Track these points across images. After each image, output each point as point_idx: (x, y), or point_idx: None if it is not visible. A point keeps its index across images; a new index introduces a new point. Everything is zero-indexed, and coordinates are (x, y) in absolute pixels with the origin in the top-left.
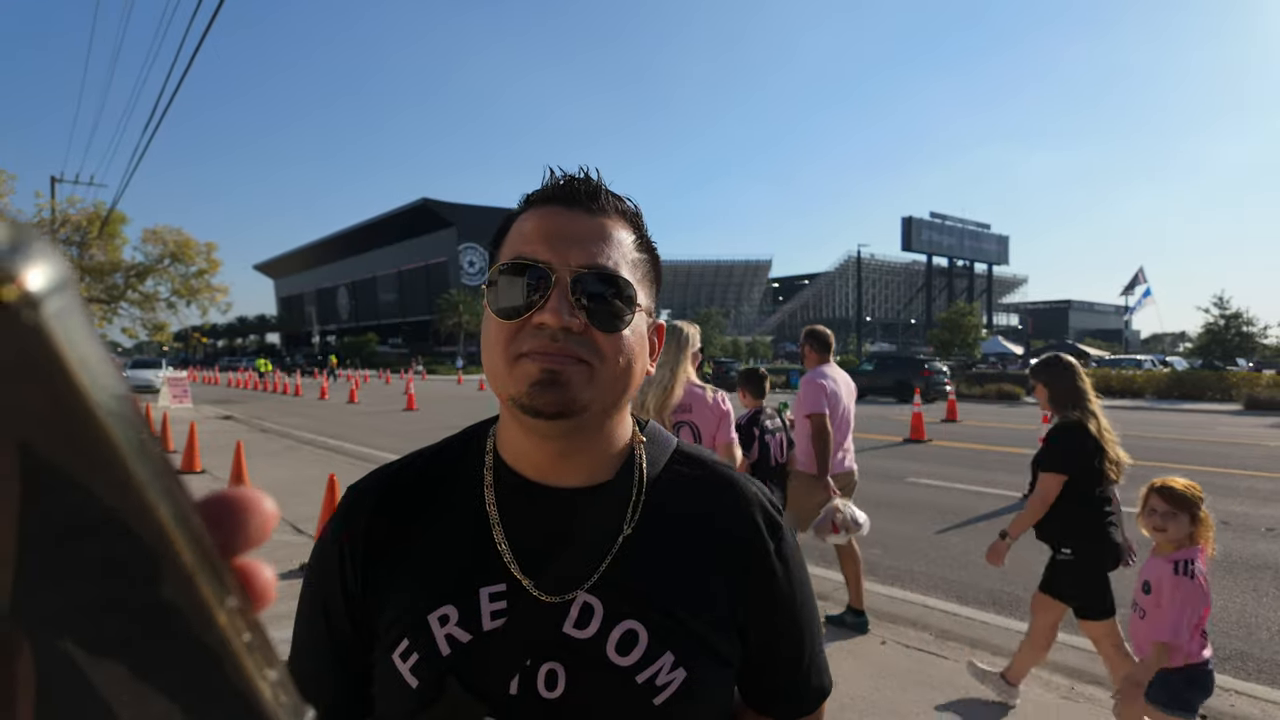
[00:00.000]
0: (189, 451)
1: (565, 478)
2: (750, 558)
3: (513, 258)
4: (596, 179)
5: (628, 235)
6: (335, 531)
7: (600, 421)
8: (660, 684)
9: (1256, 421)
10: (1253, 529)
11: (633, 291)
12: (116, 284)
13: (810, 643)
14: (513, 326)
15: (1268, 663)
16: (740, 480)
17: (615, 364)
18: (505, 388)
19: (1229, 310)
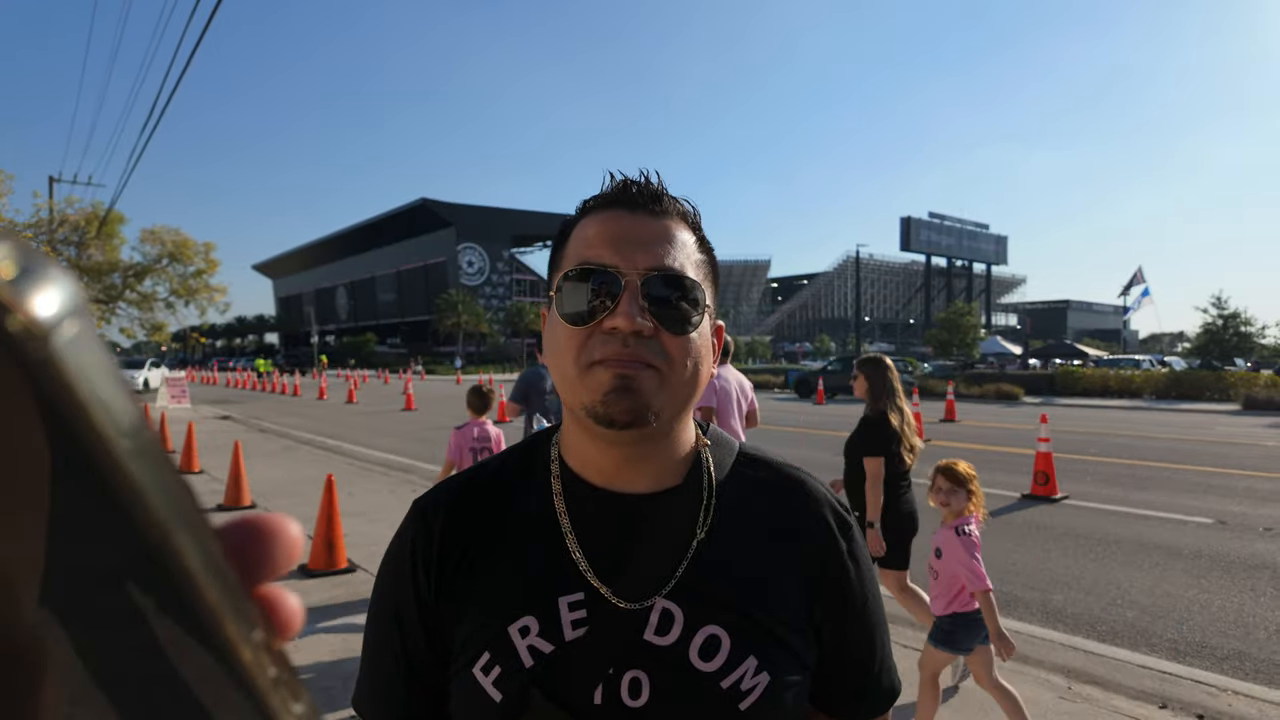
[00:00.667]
0: (187, 451)
1: (633, 483)
2: (824, 558)
3: (579, 263)
4: (657, 182)
5: (690, 237)
6: (408, 541)
7: (668, 427)
8: (745, 689)
9: (1255, 421)
10: (1250, 529)
11: (700, 293)
12: (114, 284)
13: (881, 643)
14: (583, 333)
15: (1265, 662)
16: (809, 480)
17: (684, 367)
18: (578, 396)
19: (1227, 310)
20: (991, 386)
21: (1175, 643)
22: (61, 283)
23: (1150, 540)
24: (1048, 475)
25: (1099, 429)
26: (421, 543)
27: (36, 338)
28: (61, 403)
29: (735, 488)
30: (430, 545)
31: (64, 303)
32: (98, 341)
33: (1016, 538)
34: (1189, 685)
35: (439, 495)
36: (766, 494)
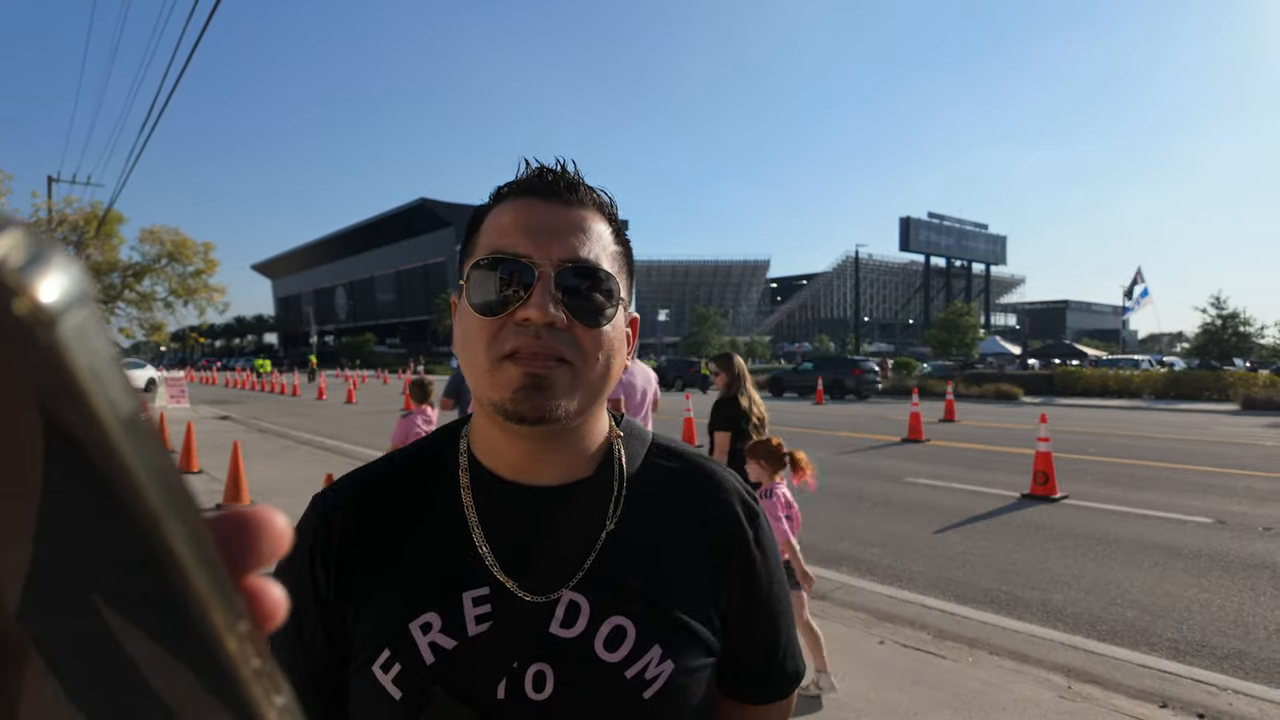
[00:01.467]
0: (186, 451)
1: (543, 476)
2: (731, 546)
3: (492, 251)
4: (574, 170)
5: (606, 228)
6: (307, 538)
7: (579, 421)
8: (649, 677)
9: (1254, 421)
10: (1250, 529)
11: (614, 285)
12: (113, 284)
13: (786, 628)
14: (494, 323)
15: (1265, 662)
16: (718, 470)
17: (597, 361)
18: (487, 391)
19: (1226, 310)
20: (991, 386)
21: (1175, 642)
22: (68, 270)
23: (1150, 540)
24: (1047, 475)
25: (1098, 429)
26: (321, 539)
27: (42, 323)
28: (63, 389)
29: (646, 478)
30: (330, 542)
31: (70, 290)
32: (102, 330)
33: (1016, 537)
34: (1189, 684)
35: (341, 490)
36: (677, 484)
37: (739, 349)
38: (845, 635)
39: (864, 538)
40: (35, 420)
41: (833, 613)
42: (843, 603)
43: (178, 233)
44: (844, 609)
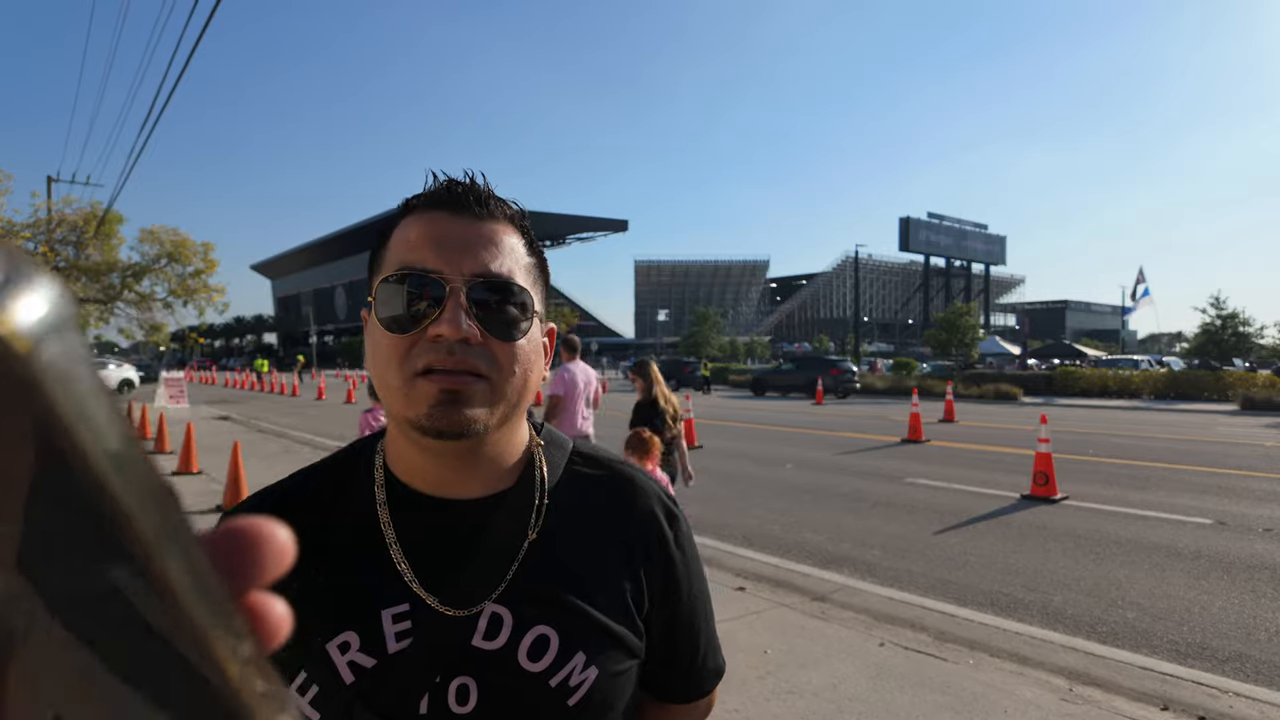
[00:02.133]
0: (185, 452)
1: (462, 489)
2: (650, 548)
3: (400, 267)
4: (484, 183)
5: (518, 240)
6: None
7: (497, 434)
8: (574, 685)
9: (1253, 421)
10: (1250, 529)
11: (528, 298)
12: (113, 284)
13: (707, 625)
14: (406, 341)
15: (1266, 664)
16: (638, 475)
17: (513, 375)
18: (401, 409)
19: (1225, 310)
20: (990, 387)
21: (1176, 644)
22: (48, 291)
23: (1150, 541)
24: (1047, 476)
25: (1098, 429)
26: None
27: (18, 351)
28: (45, 420)
29: (568, 487)
30: None
31: (50, 313)
32: (85, 355)
33: (1016, 539)
34: (1190, 687)
35: (250, 508)
36: (598, 491)
37: (738, 349)
38: (845, 637)
39: (864, 539)
40: (19, 450)
41: (833, 614)
42: (843, 604)
43: (177, 233)
44: (844, 610)
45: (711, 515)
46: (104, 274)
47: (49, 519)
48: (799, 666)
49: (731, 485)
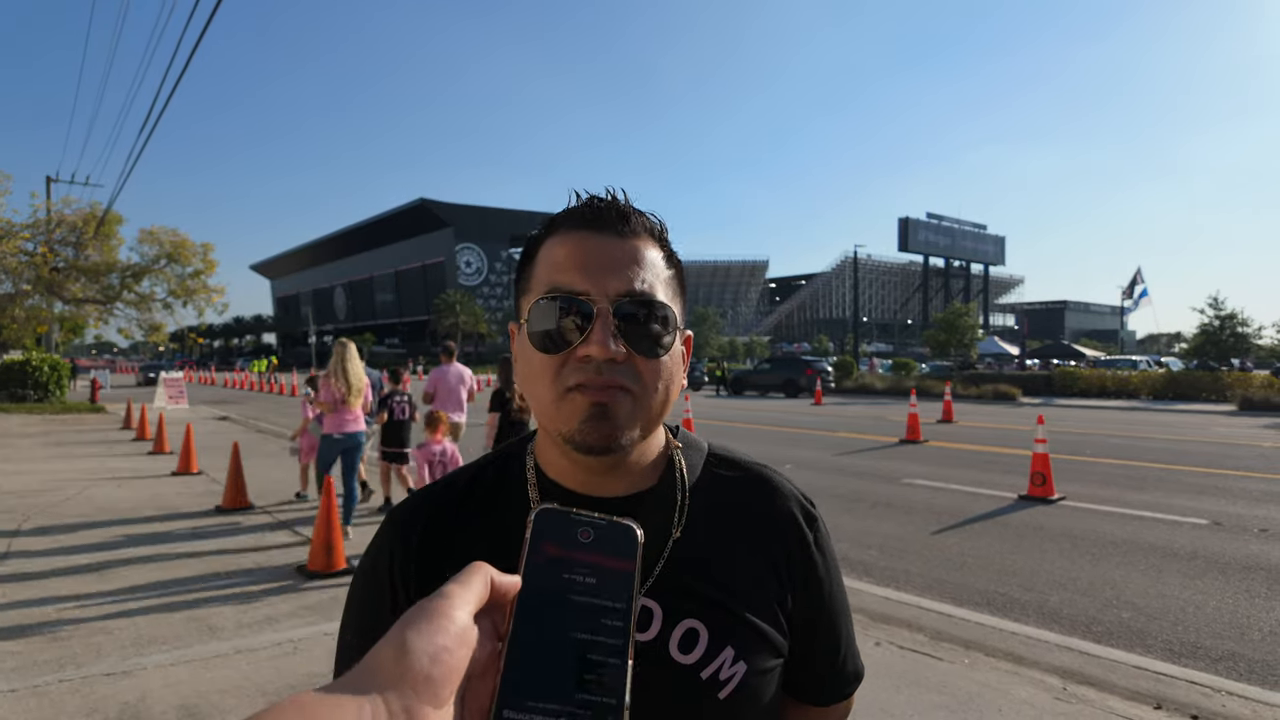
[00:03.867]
0: (185, 452)
1: (609, 489)
2: (793, 550)
3: (549, 288)
4: (624, 200)
5: (658, 253)
6: (385, 555)
7: (641, 442)
8: (724, 678)
9: (1251, 422)
10: (1246, 530)
11: (670, 313)
12: (112, 285)
13: (846, 630)
14: (557, 360)
15: (1259, 663)
16: (775, 477)
17: (656, 390)
18: (554, 423)
19: (1224, 311)
20: (989, 387)
21: (1170, 643)
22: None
23: (1146, 541)
24: (1045, 476)
25: (1096, 429)
26: (399, 556)
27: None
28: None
29: (707, 487)
30: (409, 558)
31: None
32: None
33: (1014, 539)
34: (1184, 686)
35: (415, 506)
36: (736, 491)
37: (738, 349)
38: None
39: (861, 539)
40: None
41: None
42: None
43: (176, 233)
44: None
45: None
46: (103, 274)
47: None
48: None
49: None
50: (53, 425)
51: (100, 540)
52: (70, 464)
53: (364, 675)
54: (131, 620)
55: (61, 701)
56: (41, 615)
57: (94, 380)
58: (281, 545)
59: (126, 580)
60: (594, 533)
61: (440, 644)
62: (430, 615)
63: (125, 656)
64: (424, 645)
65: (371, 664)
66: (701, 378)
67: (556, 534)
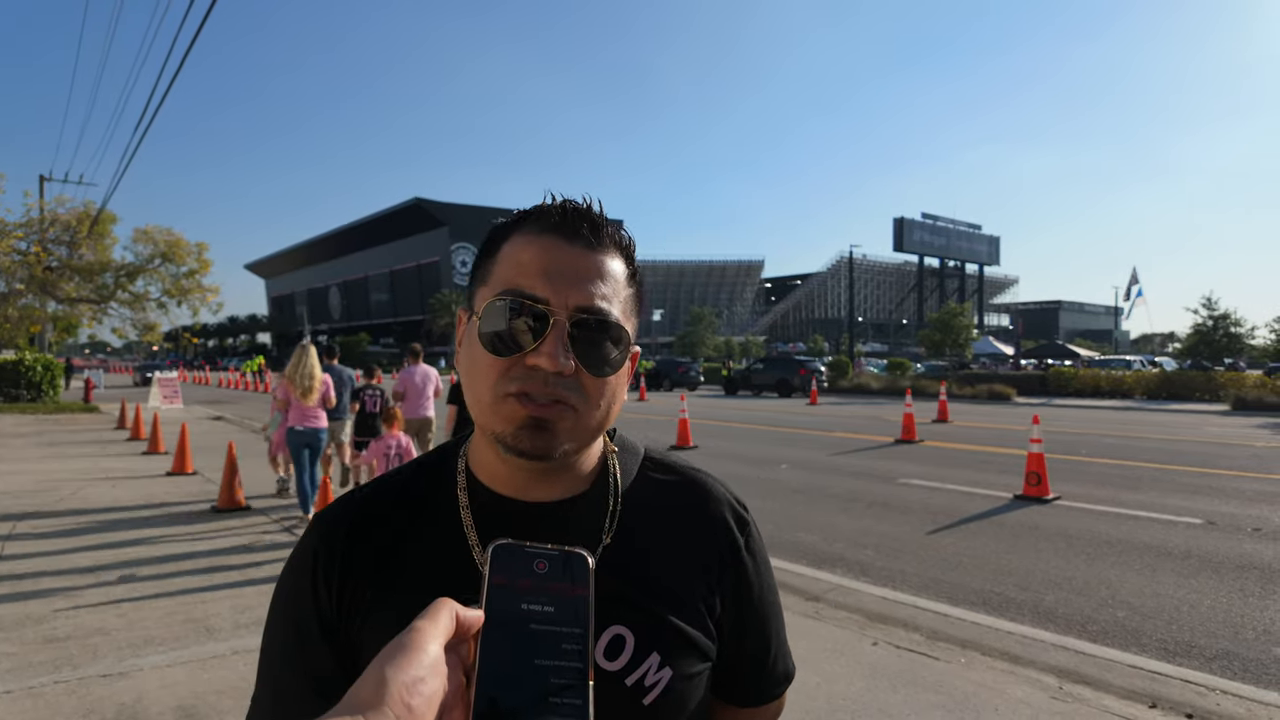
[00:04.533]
0: (180, 452)
1: (542, 494)
2: (724, 554)
3: (509, 289)
4: (599, 211)
5: (622, 270)
6: (309, 558)
7: (577, 452)
8: (649, 684)
9: (1244, 422)
10: (1239, 529)
11: (624, 335)
12: (106, 284)
13: (777, 631)
14: (504, 363)
15: (1253, 662)
16: (709, 481)
17: (599, 407)
18: (490, 424)
19: (1217, 311)
20: (984, 387)
21: (1165, 642)
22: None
23: (1141, 541)
24: (1040, 476)
25: (1091, 429)
26: (324, 558)
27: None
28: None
29: (641, 491)
30: (333, 561)
31: None
32: None
33: (1009, 539)
34: (1178, 685)
35: (342, 509)
36: (670, 496)
37: (734, 349)
38: (839, 637)
39: (857, 539)
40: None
41: (826, 614)
42: (836, 604)
43: (171, 233)
44: (838, 610)
45: None
46: (97, 274)
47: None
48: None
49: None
50: (46, 425)
51: (95, 541)
52: (64, 464)
53: (351, 707)
54: (128, 621)
55: (58, 703)
56: (37, 616)
57: (87, 380)
58: (277, 545)
59: (122, 581)
60: (548, 563)
61: (416, 675)
62: (405, 649)
63: (122, 657)
64: (401, 677)
65: (355, 699)
66: (698, 378)
67: (513, 567)
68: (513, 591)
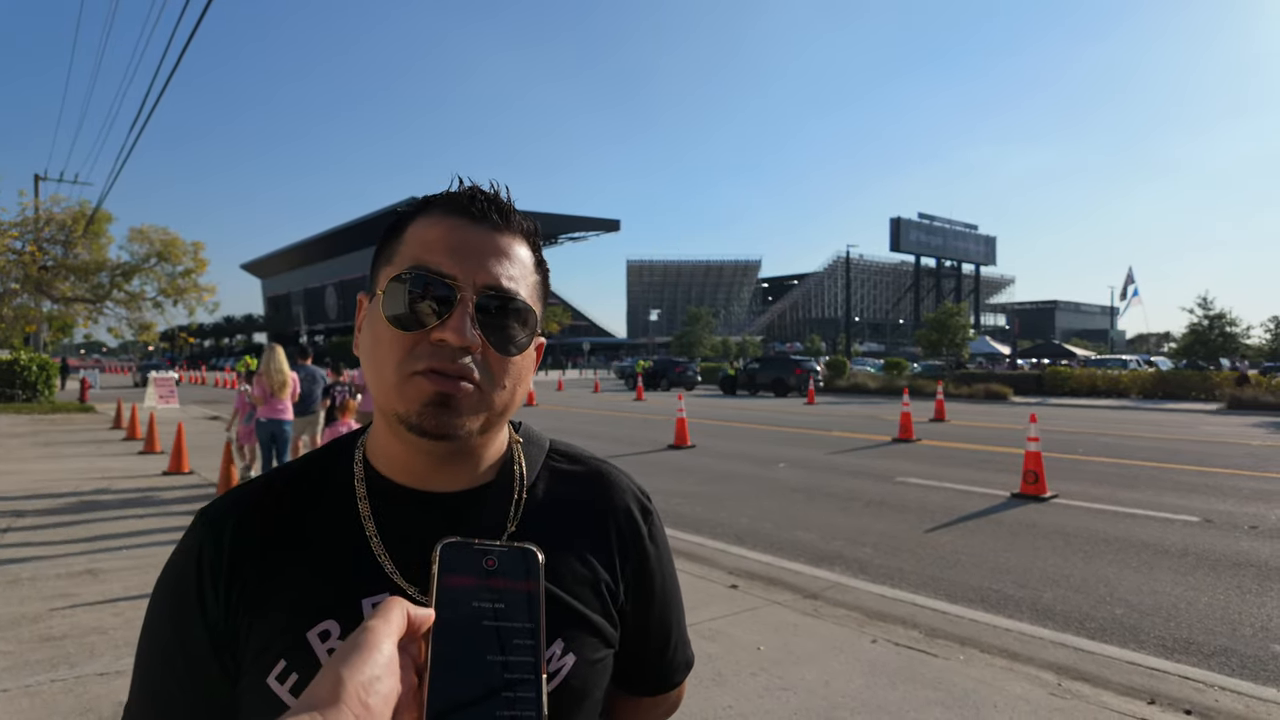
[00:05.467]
0: (176, 452)
1: (444, 483)
2: (626, 543)
3: (415, 265)
4: (507, 196)
5: (529, 255)
6: (193, 555)
7: (481, 436)
8: (552, 670)
9: (1240, 421)
10: (1236, 527)
11: (531, 316)
12: (102, 283)
13: (678, 619)
14: (409, 339)
15: (1251, 659)
16: (613, 472)
17: (504, 387)
18: (392, 403)
19: (1213, 311)
20: (981, 386)
21: (1163, 639)
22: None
23: (1138, 538)
24: (1037, 474)
25: (1087, 428)
26: (210, 555)
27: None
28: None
29: (545, 482)
30: (220, 557)
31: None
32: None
33: (1007, 537)
34: (1177, 681)
35: (228, 504)
36: (574, 485)
37: (731, 349)
38: (838, 634)
39: (856, 537)
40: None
41: (825, 612)
42: (835, 602)
43: (166, 232)
44: (836, 608)
45: (704, 514)
46: (93, 273)
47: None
48: (792, 663)
49: (725, 485)
50: (42, 425)
51: (92, 540)
52: (60, 464)
53: (308, 707)
54: (125, 619)
55: (55, 701)
56: (33, 615)
57: (83, 380)
58: None
59: (119, 580)
60: (497, 560)
61: (372, 674)
62: (359, 649)
63: (119, 656)
64: (358, 676)
65: (311, 698)
66: (695, 377)
67: (461, 565)
68: (462, 590)
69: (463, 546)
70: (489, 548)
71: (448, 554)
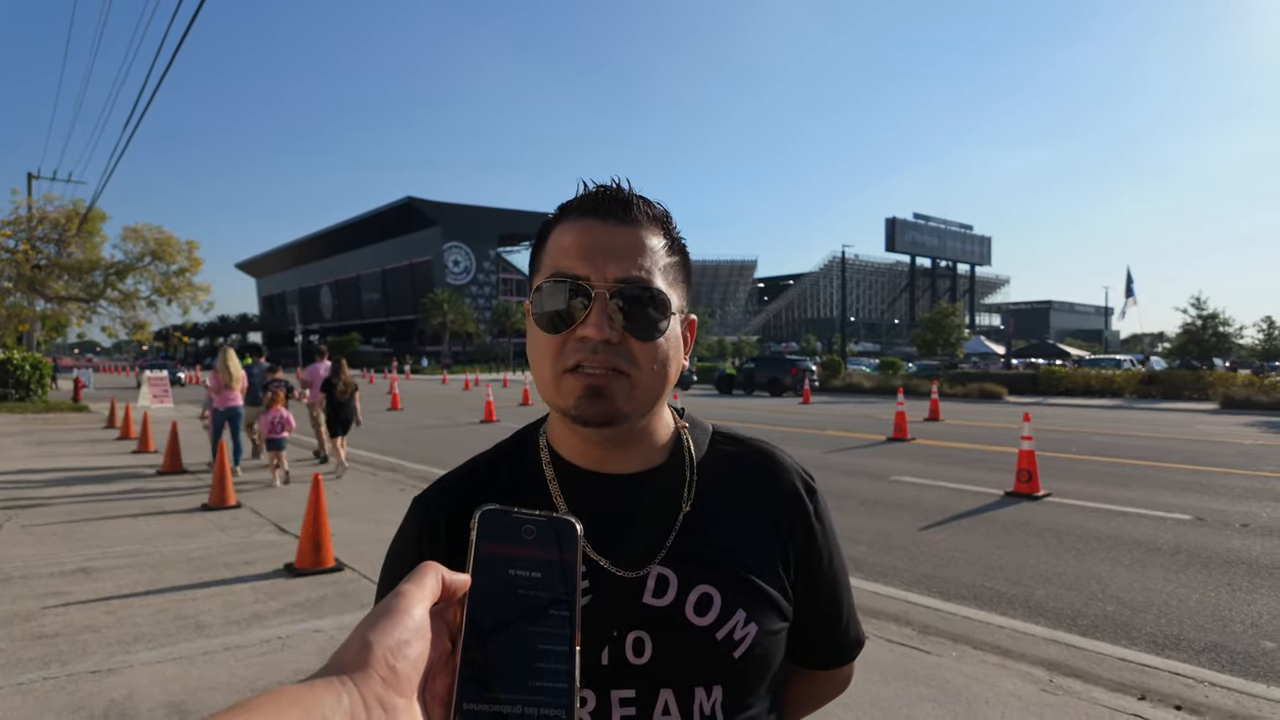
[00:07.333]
0: (171, 452)
1: (620, 466)
2: (795, 520)
3: (553, 272)
4: (628, 189)
5: (659, 241)
6: (413, 538)
7: (642, 421)
8: (738, 638)
9: (1232, 420)
10: (1228, 525)
11: (666, 299)
12: (95, 282)
13: (847, 597)
14: (558, 340)
15: (1241, 655)
16: (777, 452)
17: (651, 371)
18: (554, 400)
19: (1206, 311)
20: (975, 386)
21: (1154, 636)
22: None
23: (1130, 536)
24: (1030, 473)
25: (1081, 427)
26: (427, 538)
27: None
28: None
29: (713, 463)
30: (436, 539)
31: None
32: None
33: (1000, 535)
34: (1167, 677)
35: (440, 490)
36: (741, 466)
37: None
38: None
39: (850, 535)
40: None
41: None
42: None
43: (161, 230)
44: None
45: None
46: (86, 272)
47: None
48: None
49: None
50: (34, 425)
51: (84, 539)
52: (54, 463)
53: (335, 670)
54: (118, 618)
55: (47, 699)
56: (25, 613)
57: (76, 379)
58: (268, 542)
59: (112, 578)
60: (536, 529)
61: (399, 638)
62: (389, 613)
63: (112, 654)
64: (386, 640)
65: (339, 661)
66: (691, 377)
67: (500, 532)
68: (500, 557)
69: (501, 514)
70: (528, 517)
71: (486, 521)
